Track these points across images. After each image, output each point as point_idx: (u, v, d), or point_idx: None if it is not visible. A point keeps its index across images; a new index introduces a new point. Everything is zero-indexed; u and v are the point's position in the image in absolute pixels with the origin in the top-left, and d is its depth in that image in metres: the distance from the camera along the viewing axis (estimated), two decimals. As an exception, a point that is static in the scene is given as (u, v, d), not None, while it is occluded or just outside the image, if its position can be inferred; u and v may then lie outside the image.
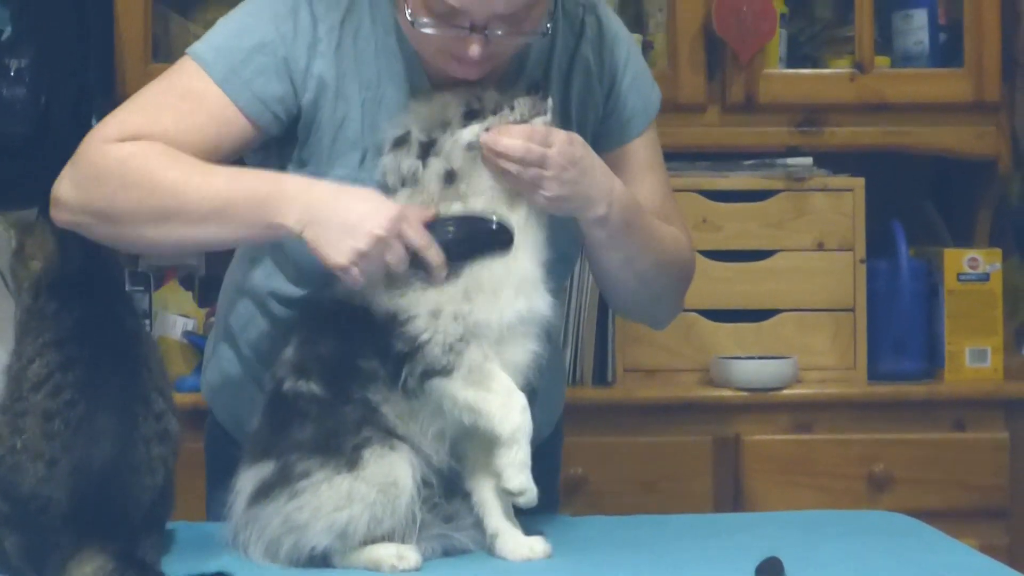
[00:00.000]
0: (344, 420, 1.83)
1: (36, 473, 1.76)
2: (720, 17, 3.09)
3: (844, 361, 3.12)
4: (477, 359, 1.83)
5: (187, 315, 3.14)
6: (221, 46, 1.96)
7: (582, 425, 2.90)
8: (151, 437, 1.82)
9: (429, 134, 1.88)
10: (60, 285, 1.90)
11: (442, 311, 1.82)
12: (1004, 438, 3.05)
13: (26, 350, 1.83)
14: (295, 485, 1.81)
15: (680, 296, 2.18)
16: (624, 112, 2.09)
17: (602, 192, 1.93)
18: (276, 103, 1.95)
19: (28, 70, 2.89)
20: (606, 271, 2.07)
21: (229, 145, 1.95)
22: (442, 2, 1.83)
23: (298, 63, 1.95)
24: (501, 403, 1.83)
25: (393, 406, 1.84)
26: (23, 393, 1.80)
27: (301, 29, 1.95)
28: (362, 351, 1.85)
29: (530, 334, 1.88)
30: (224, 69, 1.94)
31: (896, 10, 3.27)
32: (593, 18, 2.08)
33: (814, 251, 3.12)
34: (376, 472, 1.81)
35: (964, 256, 3.15)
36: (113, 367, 1.83)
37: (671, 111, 3.05)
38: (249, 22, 1.97)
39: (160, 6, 3.12)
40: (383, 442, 1.82)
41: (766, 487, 3.00)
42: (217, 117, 1.93)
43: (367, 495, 1.80)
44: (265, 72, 1.94)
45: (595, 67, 2.07)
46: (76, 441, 1.77)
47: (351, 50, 1.97)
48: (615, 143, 2.09)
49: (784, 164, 3.15)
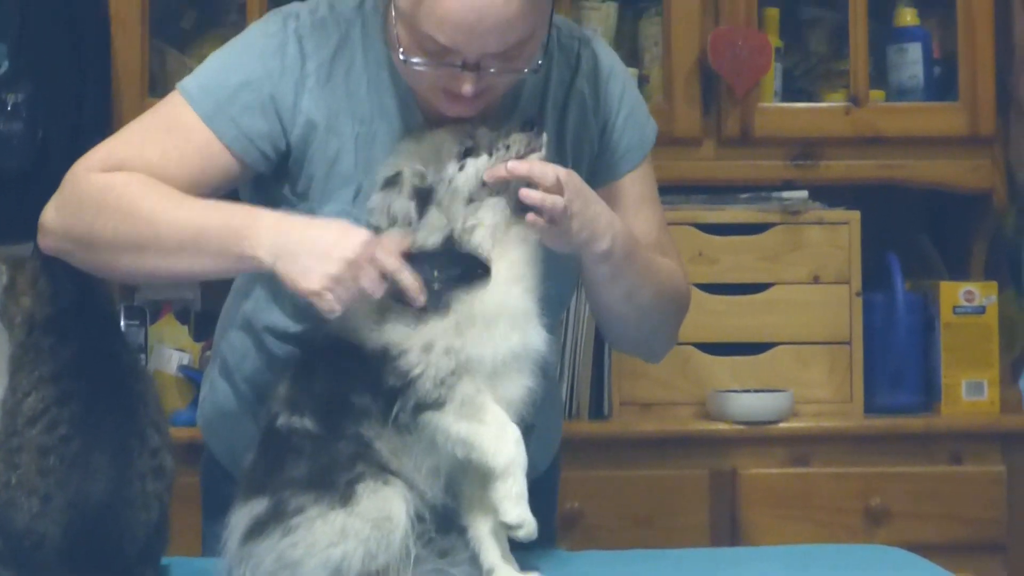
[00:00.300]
0: (337, 456, 1.82)
1: (31, 509, 1.76)
2: (715, 51, 3.10)
3: (840, 394, 3.11)
4: (469, 392, 1.82)
5: (183, 349, 3.14)
6: (209, 82, 1.97)
7: (578, 459, 2.90)
8: (146, 473, 1.82)
9: (423, 177, 1.87)
10: (55, 320, 1.90)
11: (434, 345, 1.81)
12: (1001, 471, 3.04)
13: (21, 384, 1.83)
14: (289, 522, 1.79)
15: (676, 329, 2.17)
16: (620, 146, 2.09)
17: (607, 226, 1.92)
18: (262, 140, 1.95)
19: (25, 105, 2.90)
20: (607, 306, 2.06)
21: (214, 180, 1.95)
22: (434, 41, 1.83)
23: (285, 100, 1.95)
24: (494, 436, 1.82)
25: (386, 442, 1.83)
26: (18, 428, 1.79)
27: (288, 66, 1.95)
28: (355, 387, 1.84)
29: (524, 369, 1.87)
30: (211, 105, 1.94)
31: (890, 44, 3.28)
32: (589, 52, 2.08)
33: (810, 284, 3.12)
34: (370, 507, 1.80)
35: (960, 289, 3.15)
36: (109, 402, 1.83)
37: (667, 144, 3.06)
38: (237, 59, 1.98)
39: (157, 41, 3.13)
40: (377, 477, 1.82)
41: (763, 521, 2.99)
42: (202, 151, 1.94)
43: (361, 531, 1.79)
44: (251, 109, 1.94)
45: (590, 101, 2.07)
46: (71, 477, 1.76)
47: (343, 85, 1.97)
48: (611, 177, 2.08)
49: (780, 197, 3.16)
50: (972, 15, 3.18)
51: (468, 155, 1.87)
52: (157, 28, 3.13)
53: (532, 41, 1.88)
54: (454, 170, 1.87)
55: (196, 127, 1.94)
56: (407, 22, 1.85)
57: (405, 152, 1.90)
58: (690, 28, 3.15)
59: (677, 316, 2.14)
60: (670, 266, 2.10)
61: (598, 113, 2.07)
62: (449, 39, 1.82)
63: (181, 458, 1.93)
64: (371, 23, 1.98)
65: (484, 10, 1.80)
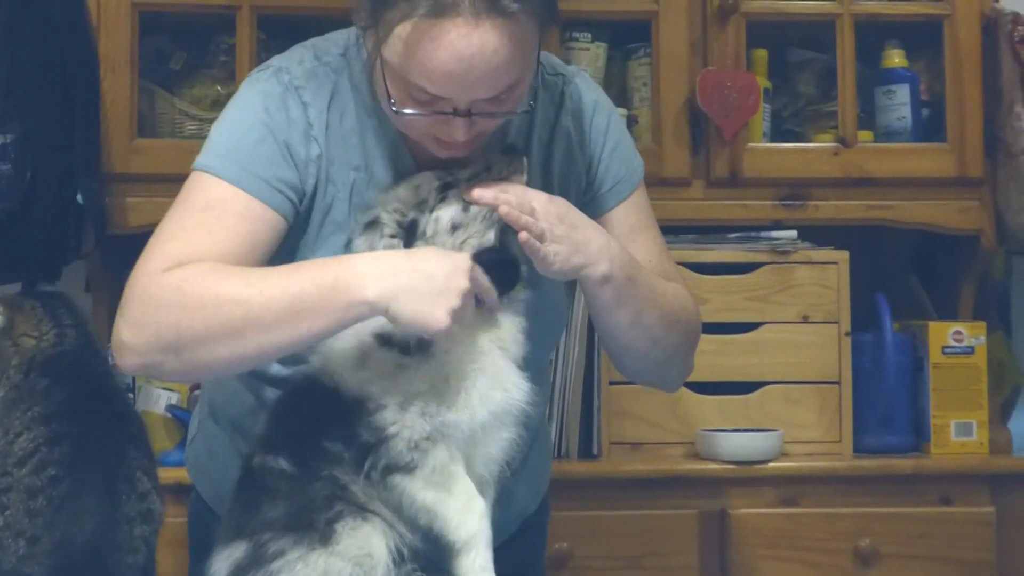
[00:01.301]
0: (314, 496, 1.80)
1: (17, 551, 1.75)
2: (704, 92, 3.11)
3: (830, 434, 3.11)
4: (442, 460, 1.81)
5: (171, 389, 3.12)
6: (224, 148, 1.94)
7: (568, 499, 2.89)
8: (134, 517, 1.82)
9: (403, 213, 1.87)
10: (54, 362, 1.90)
11: (411, 405, 1.80)
12: (990, 512, 3.03)
13: (14, 424, 1.83)
14: (269, 566, 1.78)
15: (689, 354, 2.16)
16: (607, 178, 2.10)
17: (601, 249, 1.93)
18: (289, 189, 1.94)
19: (14, 146, 2.90)
20: (615, 333, 2.05)
21: (265, 242, 1.91)
22: (424, 91, 1.84)
23: (298, 149, 1.95)
24: (460, 508, 1.81)
25: (362, 487, 1.82)
26: (7, 468, 1.79)
27: (293, 117, 1.95)
28: (328, 432, 1.82)
29: (505, 424, 1.86)
30: (235, 169, 1.91)
31: (879, 86, 3.30)
32: (572, 88, 2.09)
33: (799, 323, 3.12)
34: (351, 545, 1.79)
35: (949, 329, 3.16)
36: (100, 445, 1.83)
37: (656, 185, 3.07)
38: (244, 117, 1.96)
39: (146, 82, 3.13)
40: (355, 515, 1.80)
41: (753, 561, 2.98)
42: (246, 216, 1.89)
43: (343, 570, 1.78)
44: (273, 159, 1.93)
45: (576, 136, 2.08)
46: (59, 519, 1.76)
47: (338, 133, 1.98)
48: (601, 209, 2.09)
49: (769, 237, 3.17)
50: (960, 57, 3.20)
51: (448, 188, 1.88)
52: (146, 69, 3.13)
53: (521, 84, 1.89)
54: (435, 201, 1.87)
55: (229, 195, 1.90)
56: (396, 73, 1.85)
57: (382, 198, 1.90)
58: (679, 69, 3.16)
59: (688, 340, 2.13)
60: (677, 289, 2.10)
61: (584, 148, 2.09)
62: (439, 89, 1.83)
63: (168, 498, 1.92)
64: (356, 71, 1.99)
65: (473, 59, 1.80)
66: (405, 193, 1.90)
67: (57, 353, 1.91)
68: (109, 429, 1.86)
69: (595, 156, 2.09)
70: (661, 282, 2.06)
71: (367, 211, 1.91)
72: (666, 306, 2.05)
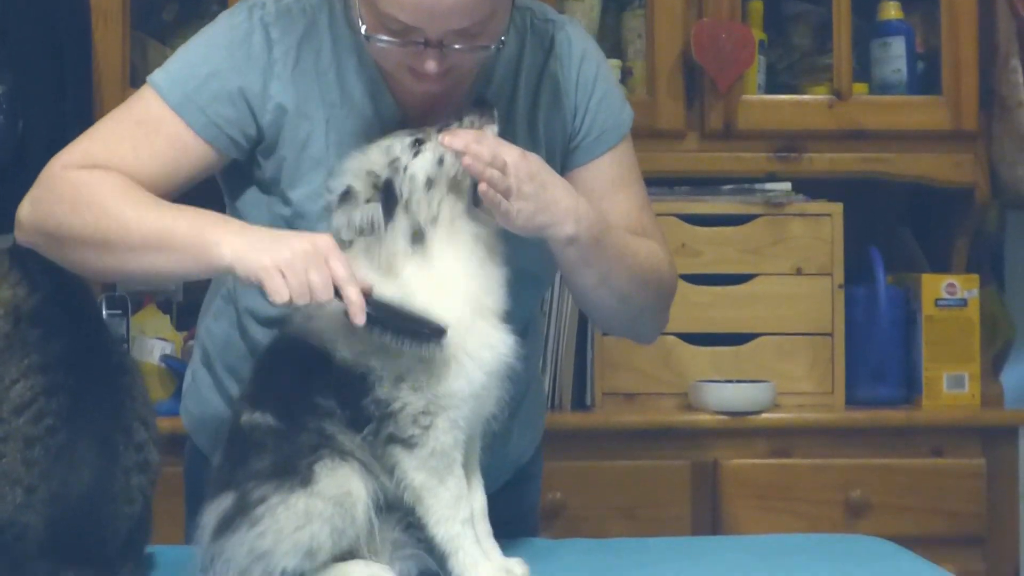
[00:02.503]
0: (300, 446, 1.80)
1: (14, 500, 1.75)
2: (699, 45, 3.11)
3: (822, 386, 3.12)
4: (445, 445, 1.80)
5: (165, 339, 3.13)
6: (178, 74, 1.99)
7: (561, 450, 2.90)
8: (131, 467, 1.82)
9: (376, 175, 1.86)
10: (40, 312, 1.90)
11: (404, 380, 1.80)
12: (981, 464, 3.05)
13: (9, 372, 1.82)
14: (253, 512, 1.78)
15: (662, 310, 2.16)
16: (593, 128, 2.09)
17: (568, 210, 1.92)
18: (233, 127, 1.97)
19: (6, 97, 2.89)
20: (583, 291, 2.05)
21: (188, 170, 1.97)
22: (396, 20, 1.84)
23: (253, 88, 1.97)
24: (447, 504, 1.81)
25: (349, 437, 1.82)
26: (3, 416, 1.78)
27: (255, 54, 1.98)
28: (320, 389, 1.82)
29: (499, 382, 1.85)
30: (179, 95, 1.97)
31: (874, 38, 3.29)
32: (563, 35, 2.09)
33: (792, 276, 3.13)
34: (329, 484, 1.79)
35: (942, 282, 3.16)
36: (97, 396, 1.82)
37: (650, 137, 3.09)
38: (204, 50, 2.01)
39: (138, 32, 3.12)
40: (334, 456, 1.80)
41: (744, 512, 3.00)
42: (174, 142, 1.96)
43: (324, 510, 1.78)
44: (220, 98, 1.97)
45: (564, 84, 2.08)
46: (56, 469, 1.76)
47: (312, 70, 1.99)
48: (585, 158, 2.09)
49: (763, 190, 3.17)
50: (955, 10, 3.19)
51: (420, 143, 1.87)
52: (138, 20, 3.12)
53: (494, 19, 1.89)
54: (408, 158, 1.86)
55: (167, 118, 1.97)
56: (369, 1, 1.87)
57: (353, 165, 1.89)
58: (673, 21, 3.15)
59: (660, 298, 2.13)
60: (650, 248, 2.09)
61: (571, 95, 2.08)
62: (410, 18, 1.83)
63: (163, 448, 1.92)
64: (337, 9, 2.01)
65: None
66: (376, 155, 1.88)
67: (39, 302, 1.90)
68: (106, 380, 1.86)
69: (582, 104, 2.09)
70: (634, 242, 2.06)
71: (336, 181, 1.90)
72: (636, 267, 2.04)
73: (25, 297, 1.91)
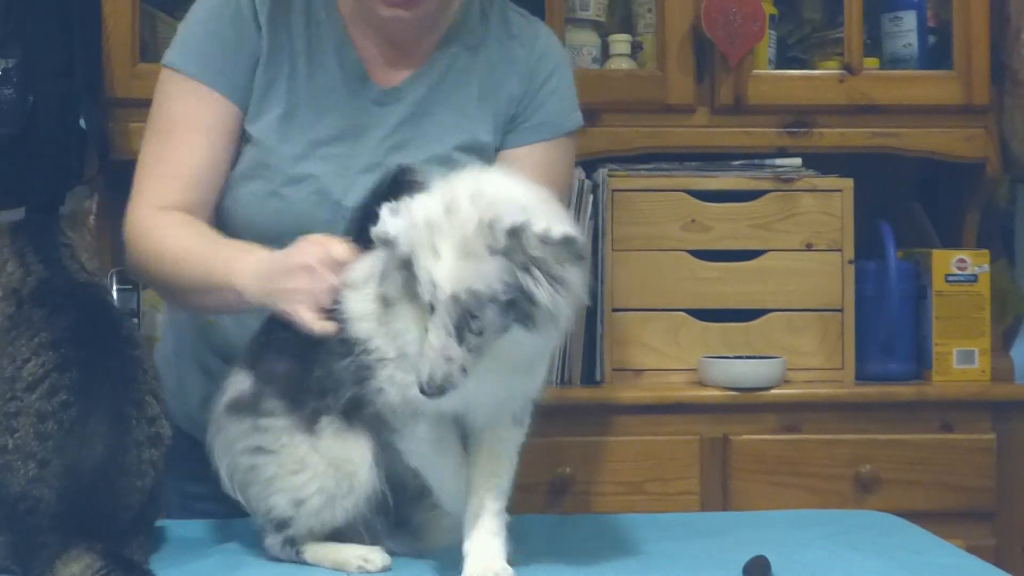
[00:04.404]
0: (311, 381, 1.83)
1: (27, 473, 1.76)
2: (709, 19, 3.10)
3: (832, 362, 3.12)
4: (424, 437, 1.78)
5: (175, 315, 3.13)
6: (186, 46, 2.16)
7: (570, 425, 2.90)
8: (143, 441, 1.82)
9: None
10: (42, 292, 1.90)
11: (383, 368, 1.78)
12: (990, 439, 3.05)
13: (20, 351, 1.83)
14: (259, 420, 1.83)
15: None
16: (535, 116, 2.20)
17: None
18: (242, 74, 2.13)
19: (15, 71, 2.89)
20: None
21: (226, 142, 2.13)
22: None
23: (249, 41, 2.13)
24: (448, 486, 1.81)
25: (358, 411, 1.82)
26: (16, 393, 1.79)
27: (243, 4, 2.14)
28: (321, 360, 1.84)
29: None
30: (198, 65, 2.12)
31: (885, 12, 3.28)
32: (532, 29, 2.24)
33: (802, 251, 3.12)
34: (331, 445, 1.80)
35: (952, 257, 3.16)
36: (108, 370, 1.83)
37: (660, 112, 3.08)
38: (203, 18, 2.16)
39: (147, 6, 3.12)
40: (342, 420, 1.81)
41: (753, 487, 3.00)
42: (203, 126, 2.12)
43: (318, 465, 1.80)
44: (228, 56, 2.12)
45: (521, 66, 2.20)
46: (68, 443, 1.76)
47: (283, 22, 2.13)
48: (517, 142, 2.19)
49: (773, 165, 3.16)
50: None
51: None
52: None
53: None
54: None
55: (192, 90, 2.13)
56: None
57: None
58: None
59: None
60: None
61: (525, 79, 2.20)
62: None
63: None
64: None
65: None
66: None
67: (38, 282, 1.91)
68: (117, 354, 1.86)
69: (532, 90, 2.20)
70: None
71: None
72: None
73: (23, 279, 1.92)
